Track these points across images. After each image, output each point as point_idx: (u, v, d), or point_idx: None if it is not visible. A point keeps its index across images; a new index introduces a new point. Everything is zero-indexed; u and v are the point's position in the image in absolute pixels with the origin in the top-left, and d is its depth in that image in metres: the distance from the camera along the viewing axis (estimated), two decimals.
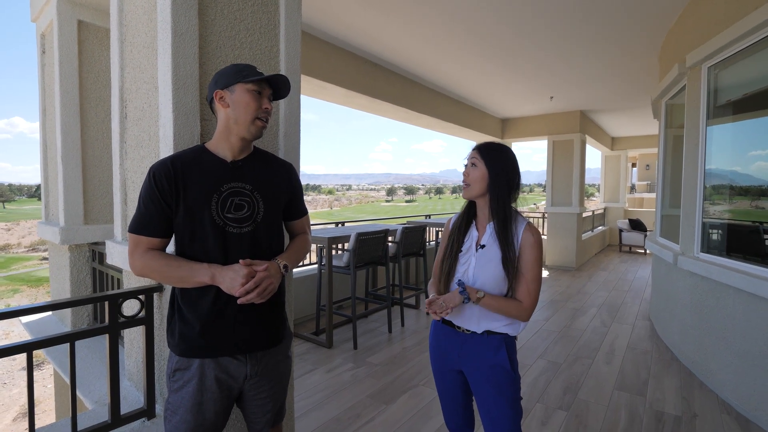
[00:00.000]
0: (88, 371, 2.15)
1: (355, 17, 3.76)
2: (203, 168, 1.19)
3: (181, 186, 1.15)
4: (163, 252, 1.20)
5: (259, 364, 1.25)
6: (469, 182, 1.36)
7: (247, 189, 1.22)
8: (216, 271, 1.13)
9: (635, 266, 8.06)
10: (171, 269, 1.14)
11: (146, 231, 1.15)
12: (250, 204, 1.22)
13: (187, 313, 1.19)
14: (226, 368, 1.20)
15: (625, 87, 6.05)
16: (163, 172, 1.15)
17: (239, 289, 1.10)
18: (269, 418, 1.32)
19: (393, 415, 2.55)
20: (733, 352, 2.71)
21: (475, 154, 1.38)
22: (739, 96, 3.00)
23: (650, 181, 15.44)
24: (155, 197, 1.14)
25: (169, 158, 1.19)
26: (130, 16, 1.64)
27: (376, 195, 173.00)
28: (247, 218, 1.21)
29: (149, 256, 1.15)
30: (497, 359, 1.37)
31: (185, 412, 1.18)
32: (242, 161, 1.24)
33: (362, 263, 3.84)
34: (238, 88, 1.18)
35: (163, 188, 1.14)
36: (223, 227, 1.17)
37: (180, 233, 1.18)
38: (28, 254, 36.05)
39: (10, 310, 1.24)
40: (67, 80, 2.69)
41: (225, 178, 1.19)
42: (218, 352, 1.19)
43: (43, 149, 3.05)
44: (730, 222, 3.13)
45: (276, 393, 1.32)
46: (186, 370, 1.19)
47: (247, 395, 1.27)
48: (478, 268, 1.37)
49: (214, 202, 1.16)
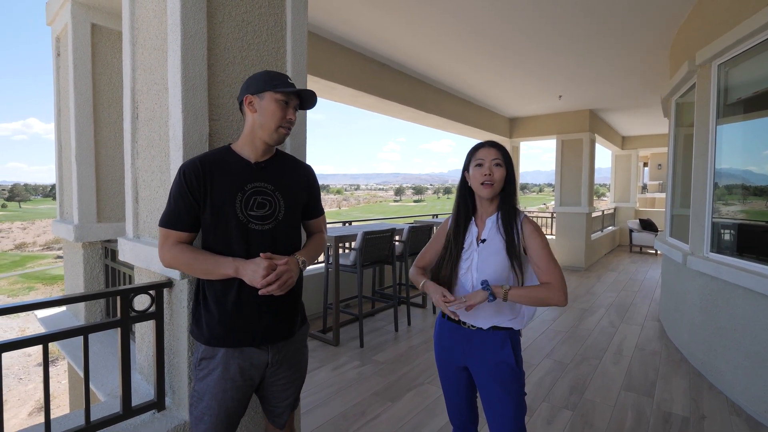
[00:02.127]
0: (101, 365, 2.21)
1: (361, 17, 3.78)
2: (229, 168, 1.26)
3: (209, 184, 1.23)
4: (191, 245, 1.27)
5: (279, 353, 1.32)
6: (493, 181, 1.38)
7: (269, 189, 1.29)
8: (239, 264, 1.19)
9: (645, 267, 7.96)
10: (197, 262, 1.21)
11: (175, 225, 1.23)
12: (272, 203, 1.29)
13: (212, 304, 1.26)
14: (249, 357, 1.27)
15: (635, 85, 5.98)
16: (193, 171, 1.22)
17: (261, 281, 1.16)
18: (289, 403, 1.40)
19: (398, 412, 2.57)
20: (744, 353, 2.67)
21: (498, 155, 1.39)
22: (750, 94, 2.96)
23: (662, 180, 15.22)
24: (185, 194, 1.22)
25: (198, 158, 1.26)
26: (141, 19, 1.68)
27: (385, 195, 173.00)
28: (269, 216, 1.28)
29: (177, 249, 1.23)
30: (502, 355, 1.39)
31: (210, 399, 1.24)
32: (265, 162, 1.31)
33: (369, 262, 3.86)
34: (268, 95, 1.24)
35: (192, 186, 1.22)
36: (246, 224, 1.24)
37: (206, 228, 1.26)
38: (43, 253, 36.80)
39: (27, 303, 1.29)
40: (81, 82, 2.76)
41: (249, 177, 1.27)
42: (242, 341, 1.26)
43: (57, 149, 3.13)
44: (741, 222, 3.09)
45: (295, 380, 1.40)
46: (211, 359, 1.26)
47: (268, 382, 1.34)
48: (482, 262, 1.39)
49: (238, 200, 1.23)
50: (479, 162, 1.40)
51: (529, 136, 8.49)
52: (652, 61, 4.86)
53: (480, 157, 1.40)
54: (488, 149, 1.41)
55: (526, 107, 7.61)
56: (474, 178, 1.41)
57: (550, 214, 9.09)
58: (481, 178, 1.38)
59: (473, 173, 1.41)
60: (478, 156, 1.41)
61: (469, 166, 1.44)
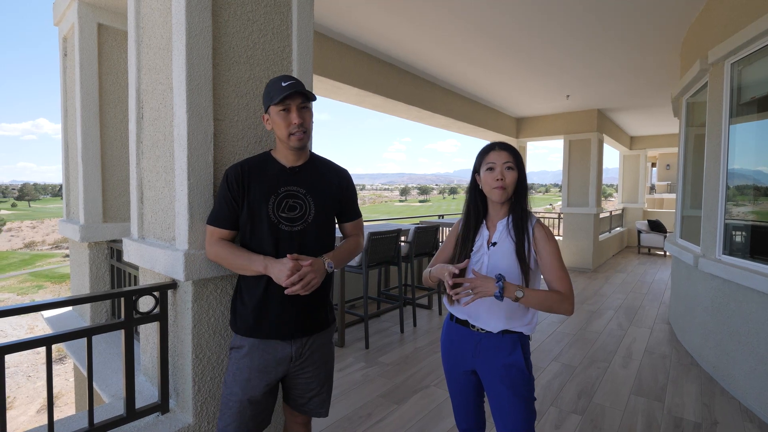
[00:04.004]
0: (106, 366, 2.21)
1: (368, 17, 3.76)
2: (266, 172, 1.36)
3: (247, 186, 1.34)
4: (231, 243, 1.37)
5: (303, 347, 1.38)
6: (506, 185, 1.35)
7: (301, 192, 1.37)
8: (269, 263, 1.27)
9: (654, 268, 7.86)
10: (234, 257, 1.32)
11: (218, 223, 1.35)
12: (302, 206, 1.36)
13: (246, 297, 1.36)
14: (273, 349, 1.35)
15: (644, 84, 5.91)
16: (234, 174, 1.34)
17: (285, 281, 1.23)
18: (312, 395, 1.44)
19: (404, 415, 2.54)
20: (757, 358, 2.62)
21: (510, 158, 1.36)
22: (764, 93, 2.89)
23: (671, 181, 15.04)
24: (227, 195, 1.34)
25: (240, 162, 1.38)
26: (147, 18, 1.67)
27: (390, 195, 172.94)
28: (299, 218, 1.35)
29: (219, 245, 1.35)
30: (512, 359, 1.36)
31: (234, 384, 1.33)
32: (299, 167, 1.39)
33: (375, 263, 3.84)
34: (272, 110, 1.32)
35: (233, 188, 1.33)
36: (276, 224, 1.33)
37: (243, 227, 1.36)
38: (52, 251, 37.22)
39: (32, 305, 1.28)
40: (88, 82, 2.76)
41: (283, 181, 1.36)
42: (267, 334, 1.34)
43: (64, 149, 3.14)
44: (754, 223, 3.03)
45: (320, 375, 1.45)
46: (240, 348, 1.35)
47: (291, 374, 1.40)
48: (492, 266, 1.37)
49: (271, 202, 1.33)
50: (490, 165, 1.37)
51: (536, 136, 8.43)
52: (662, 59, 4.79)
53: (491, 161, 1.37)
54: (499, 152, 1.37)
55: (533, 107, 7.55)
56: (485, 182, 1.38)
57: (556, 214, 9.01)
58: (493, 183, 1.35)
59: (484, 177, 1.38)
60: (489, 159, 1.38)
61: (479, 169, 1.41)
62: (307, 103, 1.35)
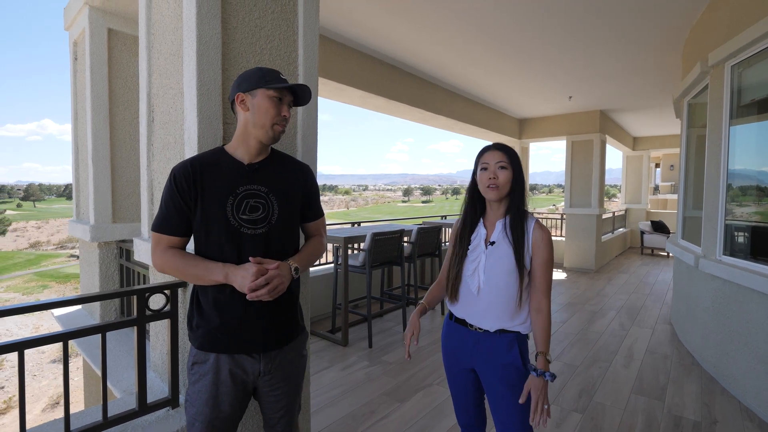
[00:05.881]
0: (116, 363, 2.26)
1: (371, 19, 3.81)
2: (221, 170, 1.22)
3: (200, 187, 1.19)
4: (183, 250, 1.24)
5: (272, 362, 1.28)
6: (498, 184, 1.39)
7: (263, 191, 1.24)
8: (229, 270, 1.16)
9: (657, 269, 7.87)
10: (188, 267, 1.19)
11: (167, 230, 1.21)
12: (265, 206, 1.24)
13: (205, 309, 1.23)
14: (240, 364, 1.23)
15: (647, 86, 5.92)
16: (183, 174, 1.19)
17: (249, 285, 1.13)
18: (283, 414, 1.35)
19: (407, 412, 2.58)
20: (757, 358, 2.64)
21: (503, 157, 1.40)
22: (764, 95, 2.92)
23: (674, 182, 14.99)
24: (175, 197, 1.19)
25: (189, 160, 1.23)
26: (158, 25, 1.72)
27: (393, 195, 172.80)
28: (262, 220, 1.23)
29: (169, 254, 1.20)
30: (510, 357, 1.39)
31: (201, 404, 1.22)
32: (259, 164, 1.27)
33: (378, 263, 3.88)
34: (260, 93, 1.20)
35: (182, 189, 1.19)
36: (237, 228, 1.20)
37: (198, 233, 1.23)
38: (57, 251, 37.47)
39: (47, 302, 1.33)
40: (98, 85, 2.82)
41: (241, 180, 1.22)
42: (232, 348, 1.23)
43: (74, 151, 3.20)
44: (755, 224, 3.05)
45: (290, 390, 1.34)
46: (203, 363, 1.23)
47: (261, 391, 1.30)
48: (489, 265, 1.40)
49: (229, 203, 1.19)
50: (484, 166, 1.42)
51: (538, 137, 8.45)
52: (664, 61, 4.81)
53: (485, 161, 1.42)
54: (493, 152, 1.42)
55: (536, 108, 7.58)
56: (480, 181, 1.43)
57: (559, 215, 9.03)
58: (487, 181, 1.40)
59: (480, 177, 1.43)
60: (484, 160, 1.43)
61: (477, 170, 1.46)
62: (293, 107, 1.33)
